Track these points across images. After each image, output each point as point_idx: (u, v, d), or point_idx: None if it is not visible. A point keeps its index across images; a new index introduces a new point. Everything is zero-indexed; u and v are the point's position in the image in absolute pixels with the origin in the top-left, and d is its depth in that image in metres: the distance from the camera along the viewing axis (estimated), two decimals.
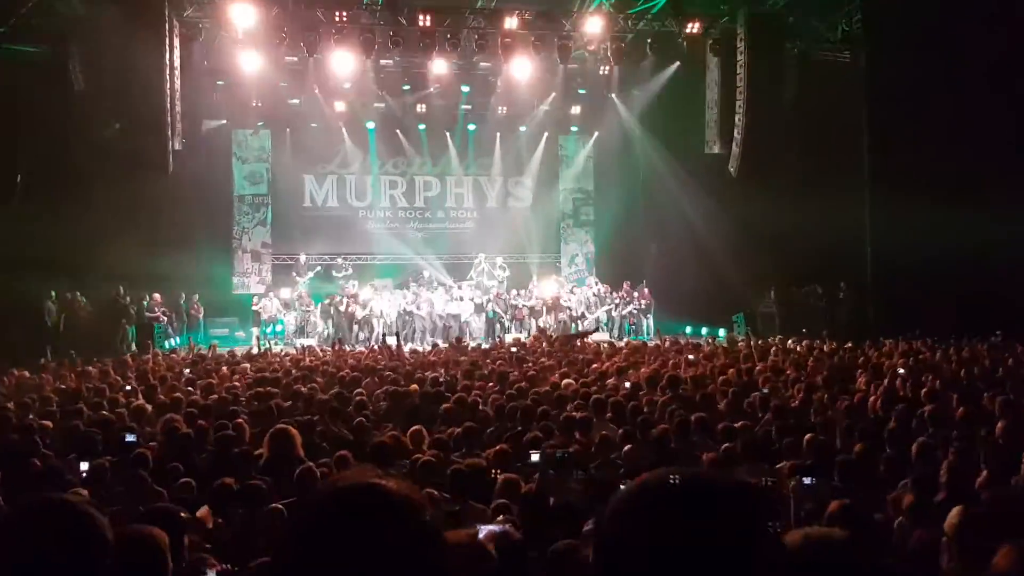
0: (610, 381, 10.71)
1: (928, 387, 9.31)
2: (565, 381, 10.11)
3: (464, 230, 26.14)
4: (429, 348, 17.70)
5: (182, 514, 3.79)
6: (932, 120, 18.29)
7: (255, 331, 20.18)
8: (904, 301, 18.84)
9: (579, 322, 22.51)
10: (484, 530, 2.49)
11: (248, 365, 13.35)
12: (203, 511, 4.73)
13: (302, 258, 23.24)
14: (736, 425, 7.23)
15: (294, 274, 22.63)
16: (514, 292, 23.25)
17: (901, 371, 10.99)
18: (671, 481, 1.24)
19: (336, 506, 1.32)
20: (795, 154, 20.58)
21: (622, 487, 1.28)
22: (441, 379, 10.49)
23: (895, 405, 8.18)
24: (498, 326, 22.31)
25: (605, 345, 16.58)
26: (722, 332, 20.65)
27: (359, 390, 9.59)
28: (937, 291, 18.10)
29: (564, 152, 27.15)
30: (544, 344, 16.87)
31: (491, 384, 10.43)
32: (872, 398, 8.76)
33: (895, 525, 4.45)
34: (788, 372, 11.23)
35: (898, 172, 19.05)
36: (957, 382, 10.12)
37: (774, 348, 15.41)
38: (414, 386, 9.92)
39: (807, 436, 6.57)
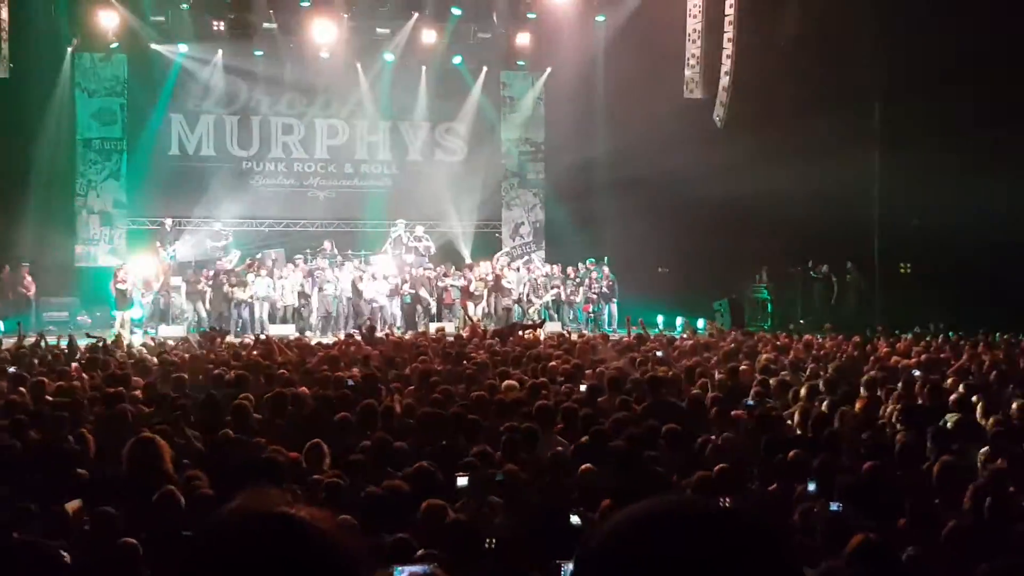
0: (561, 383, 10.81)
1: (953, 393, 9.56)
2: (506, 383, 10.24)
3: (378, 190, 26.41)
4: (332, 339, 17.79)
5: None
6: (960, 61, 18.82)
7: (120, 315, 19.96)
8: (923, 285, 19.69)
9: (525, 309, 23.01)
10: (404, 572, 2.55)
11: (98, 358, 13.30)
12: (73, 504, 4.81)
13: (168, 222, 23.31)
14: (718, 441, 7.45)
15: (157, 243, 22.56)
16: (441, 270, 23.44)
17: (917, 372, 11.34)
18: (673, 516, 1.24)
19: (239, 542, 1.32)
20: (794, 102, 20.86)
21: (595, 522, 1.24)
22: (346, 380, 10.56)
23: (912, 415, 8.46)
24: (420, 312, 22.66)
25: (557, 338, 16.80)
26: (701, 323, 21.11)
27: (245, 394, 9.53)
28: (965, 273, 18.78)
29: (508, 92, 27.47)
30: (480, 336, 17.25)
31: (410, 387, 10.52)
32: (885, 406, 9.06)
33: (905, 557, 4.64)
34: (783, 374, 11.47)
35: (918, 126, 19.58)
36: (986, 386, 10.39)
37: (763, 344, 15.74)
38: (303, 388, 10.01)
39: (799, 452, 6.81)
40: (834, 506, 5.58)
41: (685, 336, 17.47)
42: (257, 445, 7.37)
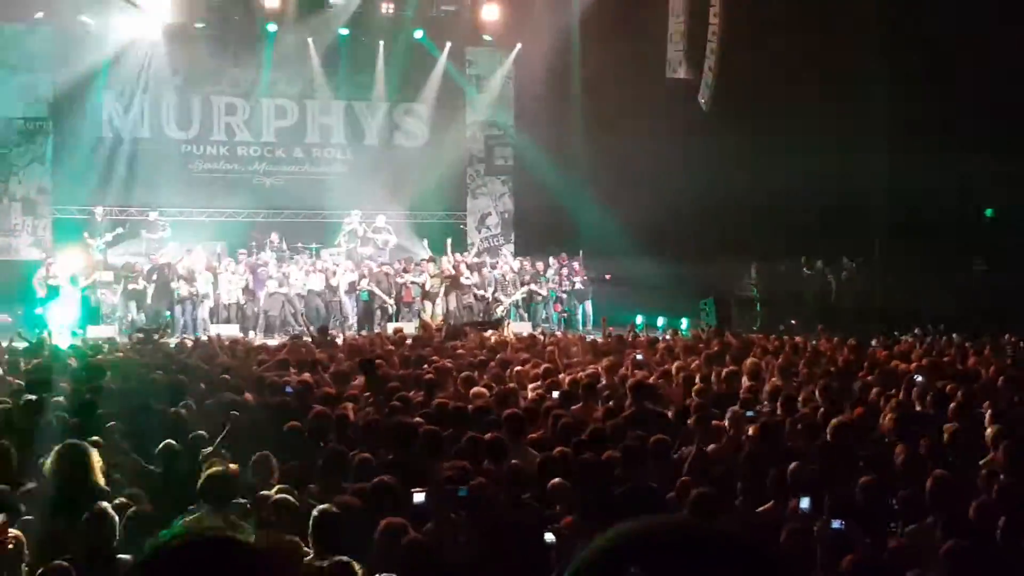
0: (532, 388, 10.90)
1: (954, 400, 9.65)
2: (473, 390, 10.33)
3: (331, 177, 26.38)
4: (278, 340, 17.93)
5: None
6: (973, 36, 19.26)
7: (49, 313, 19.82)
8: (932, 280, 19.66)
9: (491, 308, 23.08)
10: None
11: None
12: None
13: (98, 211, 22.97)
14: (707, 450, 7.61)
15: (86, 234, 22.26)
16: (400, 265, 23.40)
17: (919, 378, 11.35)
18: (670, 539, 1.27)
19: (180, 571, 1.34)
20: (788, 82, 20.97)
21: (580, 544, 1.29)
22: (293, 385, 10.58)
23: (911, 425, 8.51)
24: (378, 312, 22.66)
25: (526, 340, 16.91)
26: (685, 323, 21.30)
27: (186, 401, 9.59)
28: (983, 271, 19.43)
29: (474, 71, 27.51)
30: (430, 337, 17.41)
31: (366, 394, 10.56)
32: (884, 415, 9.12)
33: None
34: (772, 380, 11.52)
35: (928, 108, 19.88)
36: (993, 393, 10.47)
37: (751, 346, 15.78)
38: (248, 395, 10.00)
39: (795, 467, 6.91)
40: (836, 524, 5.68)
41: (667, 337, 17.52)
42: (200, 457, 7.34)
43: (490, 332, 18.29)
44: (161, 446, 7.75)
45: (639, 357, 13.50)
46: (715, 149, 21.33)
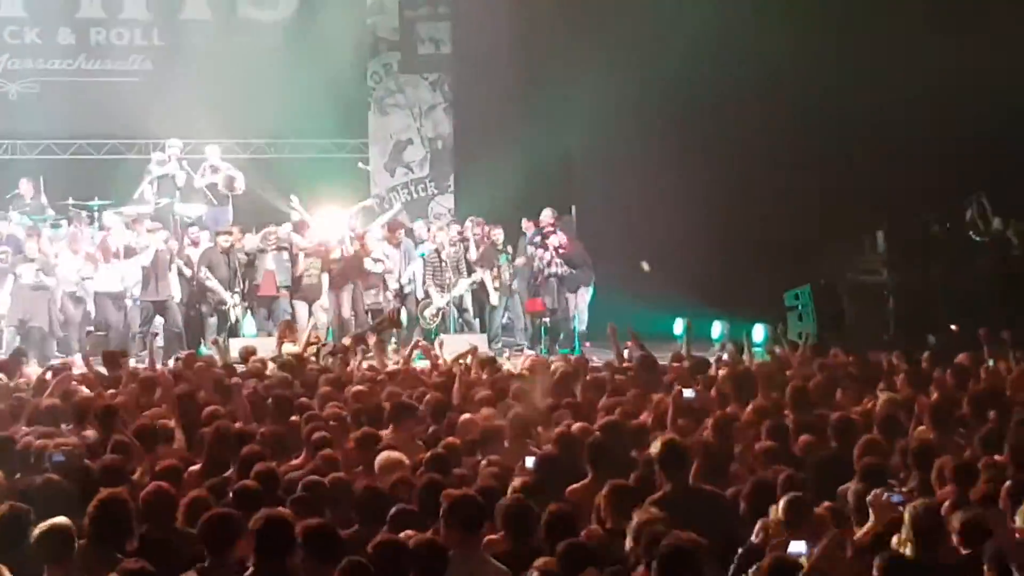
0: (488, 460, 10.86)
1: None
2: (382, 457, 10.37)
3: (126, 80, 26.26)
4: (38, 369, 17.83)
5: None
6: None
7: None
8: None
9: (418, 310, 22.97)
10: None
11: None
12: None
13: None
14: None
15: None
16: (250, 238, 23.07)
17: None
18: None
19: None
20: None
21: None
22: (50, 454, 10.51)
23: None
24: (212, 318, 22.23)
25: (477, 365, 16.83)
26: (760, 332, 21.28)
27: None
28: None
29: None
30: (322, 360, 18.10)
31: (193, 466, 10.90)
32: None
33: None
34: (919, 432, 11.46)
35: None
36: None
37: (883, 371, 15.54)
38: None
39: None
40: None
41: (726, 357, 17.29)
42: None
43: (409, 351, 18.21)
44: None
45: (688, 394, 12.78)
46: (805, 31, 22.52)
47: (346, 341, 19.51)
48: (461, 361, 17.14)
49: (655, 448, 9.75)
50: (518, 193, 24.28)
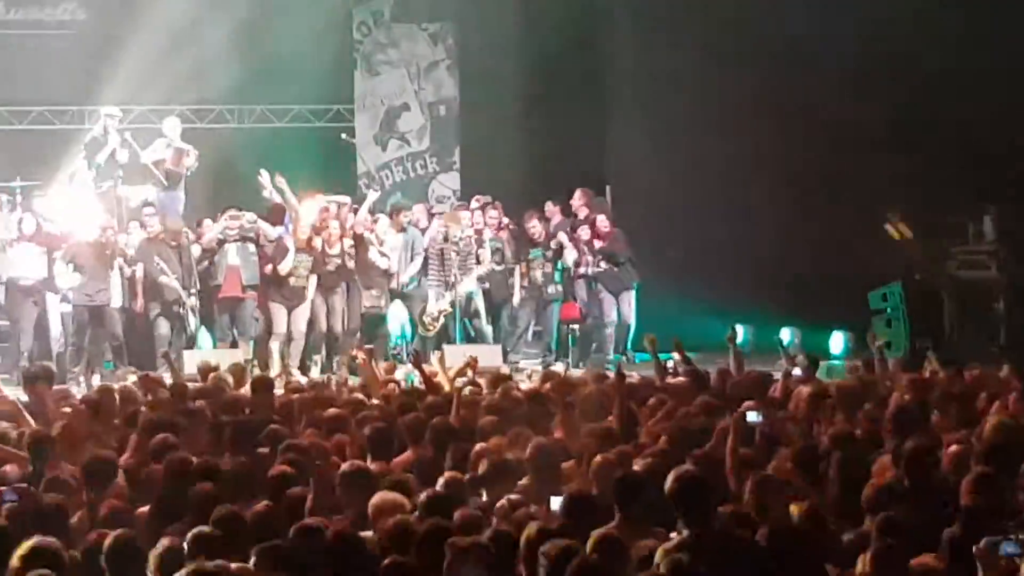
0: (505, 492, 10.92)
1: None
2: (381, 499, 10.23)
3: (55, 36, 25.82)
4: None
5: None
6: None
7: None
8: None
9: (418, 315, 22.68)
10: None
11: None
12: None
13: None
14: None
15: None
16: (219, 226, 22.30)
17: None
18: None
19: None
20: None
21: None
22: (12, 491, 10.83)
23: None
24: (159, 323, 21.73)
25: (490, 383, 16.57)
26: (839, 340, 21.98)
27: None
28: None
29: None
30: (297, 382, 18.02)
31: (142, 509, 11.03)
32: None
33: None
34: None
35: None
36: None
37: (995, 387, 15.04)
38: None
39: None
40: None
41: (799, 371, 16.77)
42: None
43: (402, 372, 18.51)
44: None
45: (752, 417, 12.85)
46: None
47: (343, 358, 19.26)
48: (460, 379, 16.72)
49: (668, 483, 9.59)
50: (538, 171, 24.27)
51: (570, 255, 22.79)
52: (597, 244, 22.62)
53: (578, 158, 25.11)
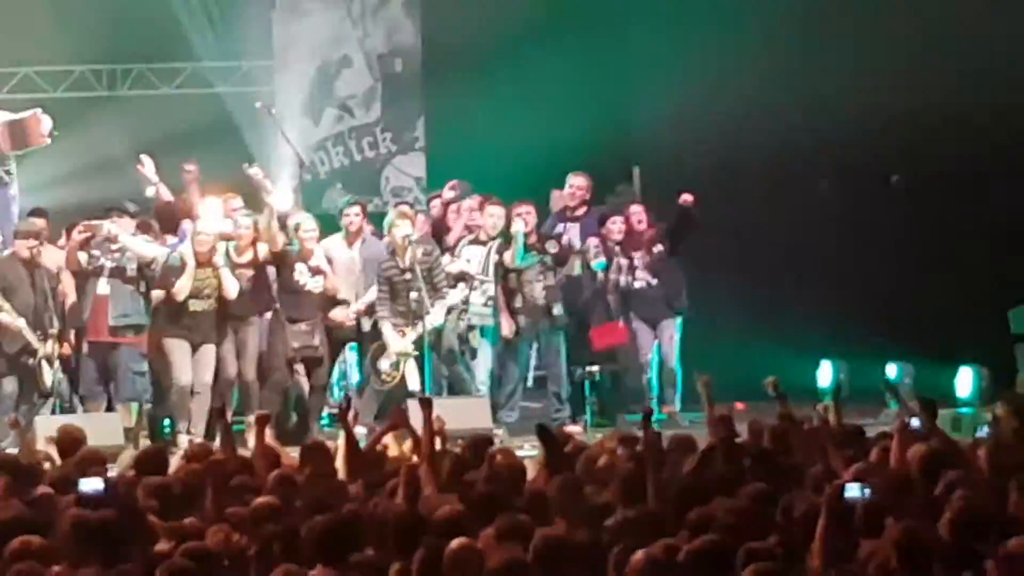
0: None
1: None
2: None
3: None
4: None
5: None
6: None
7: None
8: None
9: (371, 360, 20.44)
10: None
11: None
12: None
13: None
14: None
15: None
16: (107, 234, 20.06)
17: None
18: None
19: None
20: None
21: None
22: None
23: None
24: (5, 383, 19.92)
25: (466, 449, 14.59)
26: (969, 378, 20.42)
27: None
28: None
29: None
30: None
31: None
32: None
33: None
34: None
35: None
36: None
37: None
38: None
39: None
40: None
41: (915, 423, 14.39)
42: None
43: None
44: None
45: (853, 492, 11.02)
46: None
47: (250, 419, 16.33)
48: (406, 450, 13.71)
49: None
50: (536, 149, 21.39)
51: (595, 255, 19.84)
52: (637, 255, 19.67)
53: (595, 130, 21.92)
